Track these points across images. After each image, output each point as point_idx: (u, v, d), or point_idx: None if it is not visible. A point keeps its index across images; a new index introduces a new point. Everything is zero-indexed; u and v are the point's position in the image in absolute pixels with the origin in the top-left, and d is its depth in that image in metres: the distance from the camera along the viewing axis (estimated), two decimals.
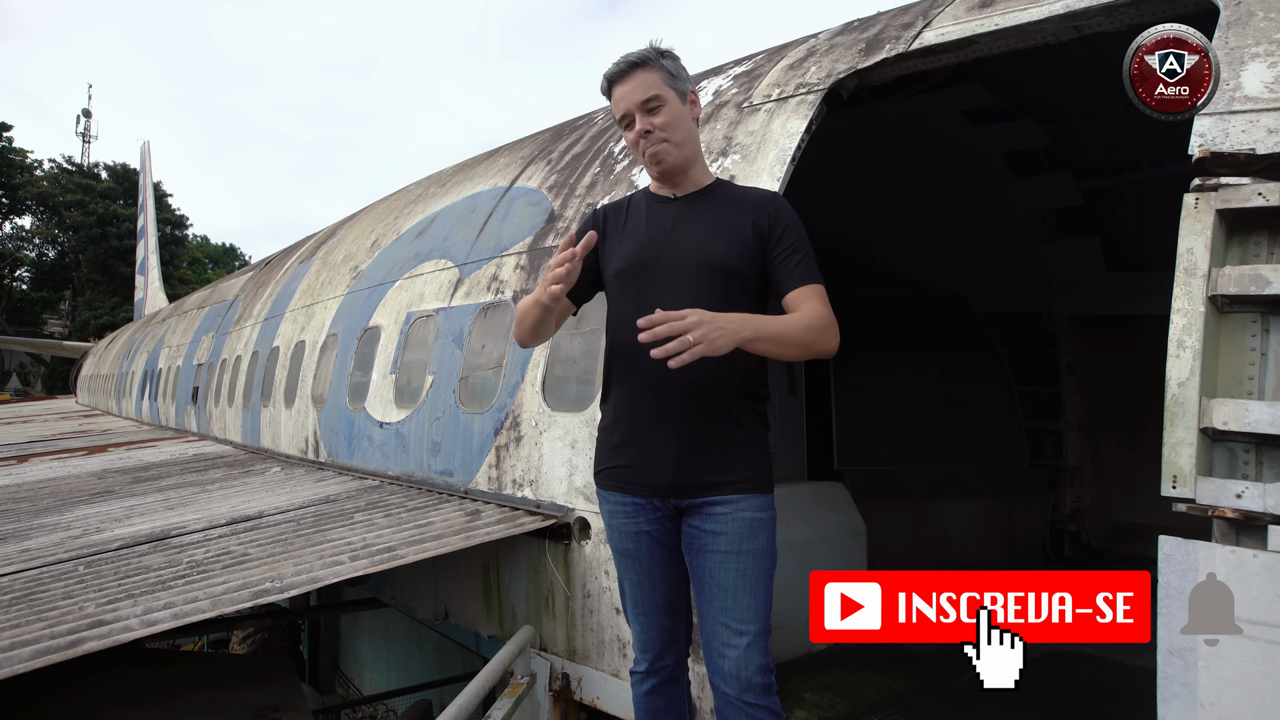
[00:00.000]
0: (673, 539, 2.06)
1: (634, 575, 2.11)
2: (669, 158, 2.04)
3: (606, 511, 2.12)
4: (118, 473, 6.70)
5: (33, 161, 40.30)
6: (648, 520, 2.04)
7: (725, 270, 1.99)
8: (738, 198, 2.10)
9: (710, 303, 1.93)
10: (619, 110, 2.06)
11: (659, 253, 2.03)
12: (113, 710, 4.04)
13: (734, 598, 1.95)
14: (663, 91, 2.02)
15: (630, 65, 2.03)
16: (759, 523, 1.98)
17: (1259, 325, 1.97)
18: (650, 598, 2.10)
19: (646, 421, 2.00)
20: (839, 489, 4.41)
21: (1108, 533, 5.82)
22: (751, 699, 1.94)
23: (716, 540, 1.96)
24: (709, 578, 1.98)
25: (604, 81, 2.08)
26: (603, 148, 4.42)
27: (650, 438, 2.00)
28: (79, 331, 35.95)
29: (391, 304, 5.30)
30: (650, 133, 2.01)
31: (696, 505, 1.99)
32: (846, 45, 3.52)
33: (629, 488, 2.05)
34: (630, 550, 2.08)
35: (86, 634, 2.46)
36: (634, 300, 2.01)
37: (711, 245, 2.01)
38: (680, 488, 1.99)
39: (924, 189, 5.94)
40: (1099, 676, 3.39)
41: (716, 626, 1.97)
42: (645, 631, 2.13)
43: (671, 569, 2.09)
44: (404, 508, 3.87)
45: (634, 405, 2.03)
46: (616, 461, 2.07)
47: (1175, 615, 1.90)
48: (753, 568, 1.96)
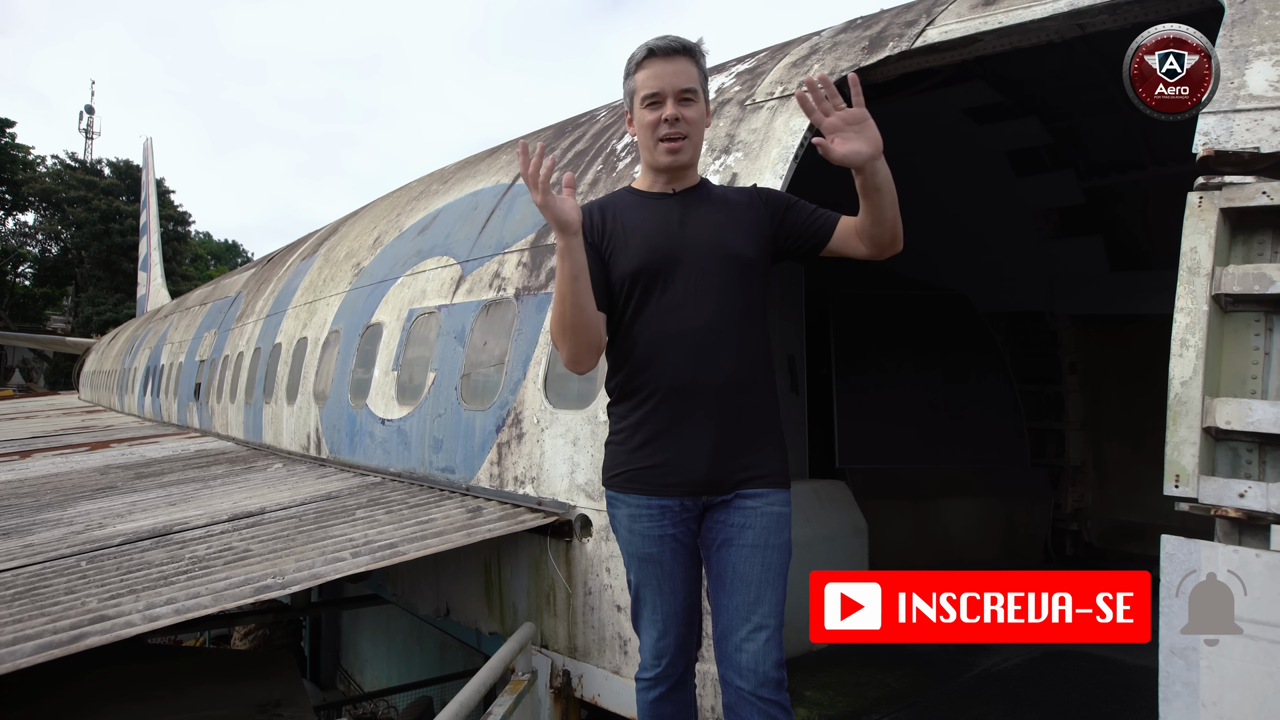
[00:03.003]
0: (694, 540, 2.03)
1: (654, 581, 2.03)
2: (684, 154, 2.02)
3: (627, 515, 2.03)
4: (120, 468, 6.71)
5: (36, 158, 40.34)
6: (673, 523, 1.99)
7: (741, 259, 1.99)
8: (723, 195, 2.11)
9: (733, 292, 1.96)
10: (653, 86, 1.98)
11: (674, 246, 1.99)
12: (115, 705, 4.04)
13: (757, 591, 1.93)
14: (699, 89, 2.02)
15: (682, 48, 2.00)
16: (784, 517, 1.97)
17: (1263, 324, 1.97)
18: (670, 605, 2.04)
19: (678, 419, 1.95)
20: (840, 487, 4.41)
21: (1109, 532, 5.81)
22: (767, 694, 1.92)
23: (744, 534, 1.94)
24: (731, 571, 1.95)
25: (642, 51, 2.01)
26: (605, 145, 4.41)
27: (683, 435, 1.95)
28: (81, 328, 35.98)
29: (394, 301, 5.31)
30: (678, 121, 1.98)
31: (727, 500, 1.97)
32: (850, 43, 3.51)
33: (656, 489, 1.98)
34: (653, 555, 2.01)
35: (89, 629, 2.46)
36: (649, 298, 1.98)
37: (724, 236, 2.00)
38: (714, 484, 1.96)
39: (927, 187, 5.92)
40: (1100, 675, 3.38)
41: (736, 621, 1.93)
42: (661, 639, 2.06)
43: (690, 573, 2.04)
44: (406, 504, 3.88)
45: (662, 403, 1.96)
46: (641, 463, 1.99)
47: (1177, 615, 1.90)
48: (776, 562, 1.95)
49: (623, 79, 2.09)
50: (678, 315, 1.95)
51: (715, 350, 1.93)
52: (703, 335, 1.93)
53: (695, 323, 1.94)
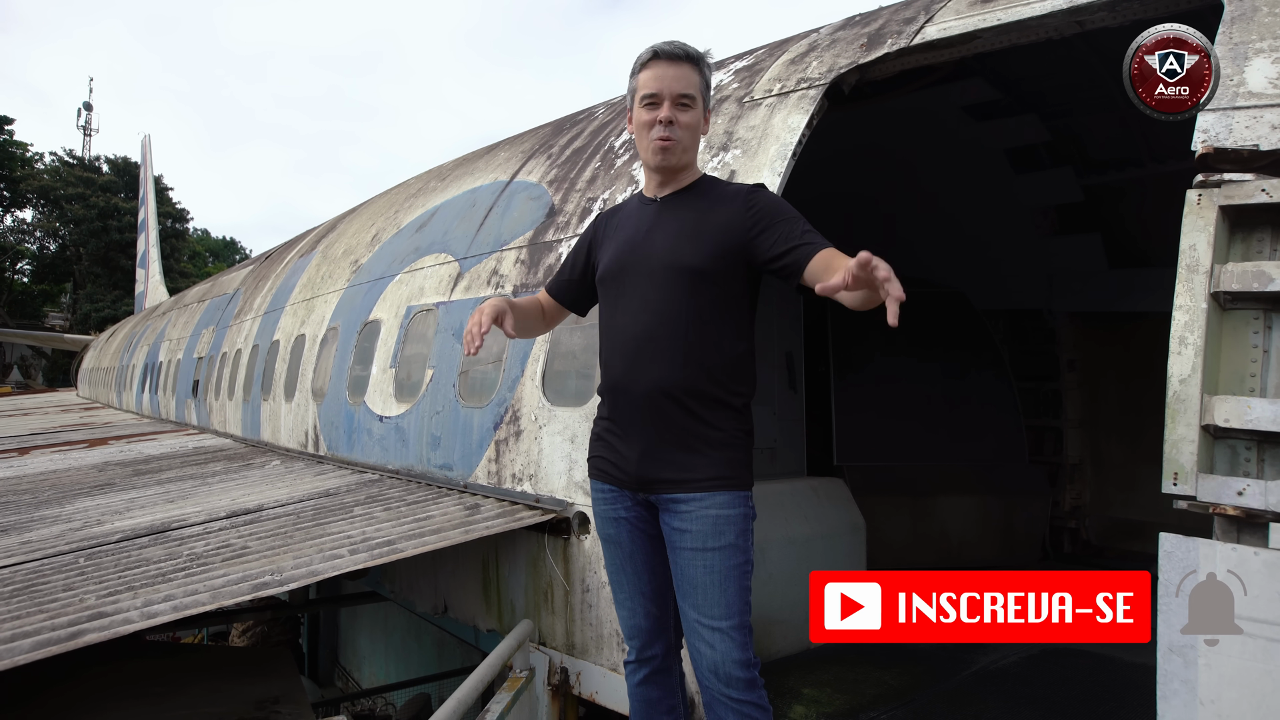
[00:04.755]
0: (653, 527, 2.10)
1: (616, 561, 2.17)
2: (672, 157, 2.07)
3: (593, 499, 2.21)
4: (118, 465, 6.70)
5: (34, 155, 40.27)
6: (624, 508, 2.11)
7: (692, 271, 2.01)
8: (718, 194, 2.11)
9: (677, 304, 2.00)
10: (652, 87, 2.05)
11: (633, 257, 2.10)
12: (113, 702, 4.04)
13: (704, 594, 1.98)
14: (698, 95, 2.08)
15: (685, 55, 2.06)
16: (725, 520, 1.98)
17: (1261, 322, 1.97)
18: (634, 583, 2.15)
19: (619, 418, 2.09)
20: (838, 485, 4.41)
21: (1108, 530, 5.82)
22: (734, 694, 1.95)
23: (684, 538, 2.00)
24: (681, 575, 2.03)
25: (648, 53, 2.08)
26: (603, 142, 4.40)
27: (621, 433, 2.08)
28: (80, 324, 35.96)
29: (392, 298, 5.30)
30: (671, 124, 2.04)
31: (665, 501, 2.04)
32: (848, 40, 3.51)
33: (606, 476, 2.14)
34: (611, 535, 2.16)
35: (87, 626, 2.46)
36: (610, 304, 2.13)
37: (680, 247, 2.04)
38: (644, 483, 2.05)
39: (925, 184, 5.92)
40: (1098, 674, 3.39)
41: (691, 623, 2.02)
42: (631, 618, 2.17)
43: (653, 556, 2.12)
44: (403, 501, 3.88)
45: (610, 402, 2.12)
46: (597, 452, 2.17)
47: (1175, 613, 1.90)
48: (720, 564, 1.97)
49: (629, 77, 2.16)
50: (623, 322, 2.08)
51: (649, 357, 2.01)
52: (638, 343, 2.03)
53: (633, 330, 2.05)
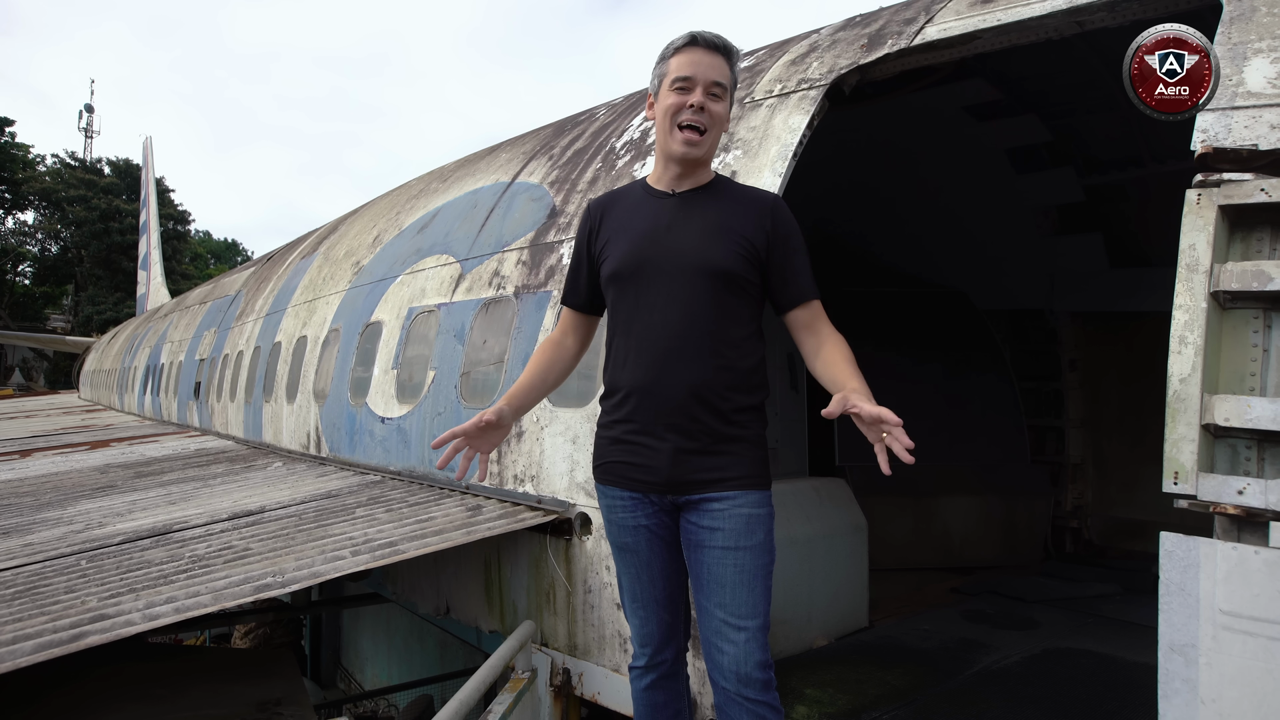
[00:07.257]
0: (671, 533, 2.07)
1: (632, 570, 2.12)
2: (698, 149, 2.05)
3: (605, 506, 2.13)
4: (120, 468, 6.71)
5: (36, 157, 40.35)
6: (645, 515, 2.06)
7: (722, 273, 2.00)
8: (736, 196, 2.11)
9: (703, 306, 1.98)
10: (687, 70, 2.02)
11: (655, 254, 2.05)
12: (115, 704, 4.04)
13: (732, 593, 1.96)
14: (728, 87, 2.07)
15: (724, 47, 2.06)
16: (756, 519, 1.98)
17: (1261, 321, 1.97)
18: (649, 592, 2.11)
19: (644, 420, 2.02)
20: (840, 485, 4.40)
21: (1109, 529, 5.82)
22: (751, 694, 1.95)
23: (714, 536, 1.97)
24: (707, 573, 1.99)
25: (684, 38, 2.06)
26: (605, 143, 4.41)
27: (648, 436, 2.01)
28: (81, 327, 35.98)
29: (393, 299, 5.30)
30: (702, 111, 2.02)
31: (694, 501, 2.00)
32: (849, 41, 3.51)
33: (627, 483, 2.06)
34: (629, 545, 2.10)
35: (89, 628, 2.46)
36: (629, 301, 2.06)
37: (708, 247, 2.02)
38: (676, 485, 2.00)
39: (926, 185, 5.92)
40: (1100, 672, 3.39)
41: (715, 622, 1.98)
42: (644, 625, 2.14)
43: (670, 563, 2.10)
44: (405, 503, 3.88)
45: (632, 403, 2.04)
46: (615, 457, 2.08)
47: (1176, 611, 1.90)
48: (750, 563, 1.96)
49: (656, 62, 2.12)
50: (647, 320, 2.02)
51: (679, 358, 1.98)
52: (668, 342, 1.99)
53: (660, 330, 2.00)
